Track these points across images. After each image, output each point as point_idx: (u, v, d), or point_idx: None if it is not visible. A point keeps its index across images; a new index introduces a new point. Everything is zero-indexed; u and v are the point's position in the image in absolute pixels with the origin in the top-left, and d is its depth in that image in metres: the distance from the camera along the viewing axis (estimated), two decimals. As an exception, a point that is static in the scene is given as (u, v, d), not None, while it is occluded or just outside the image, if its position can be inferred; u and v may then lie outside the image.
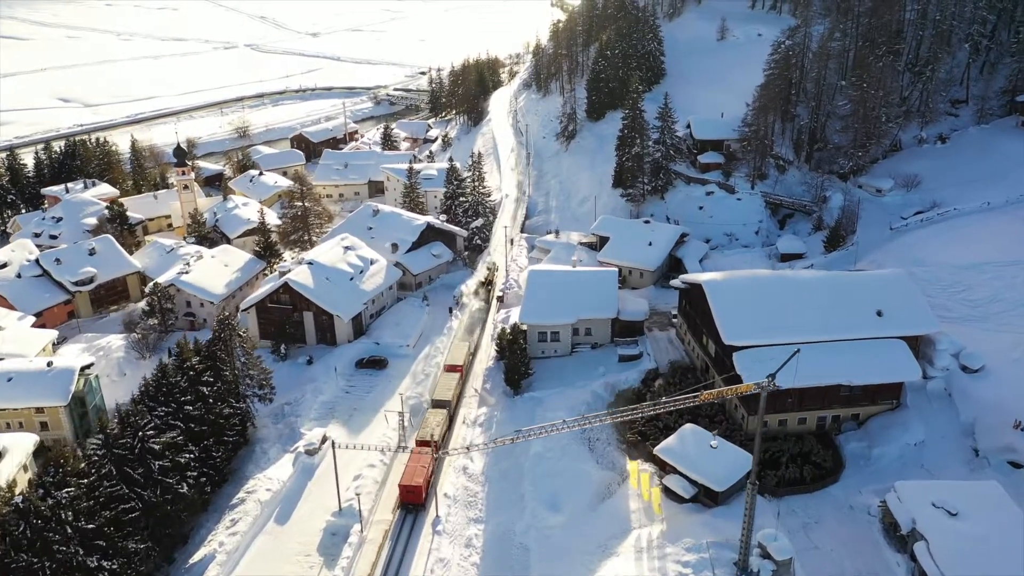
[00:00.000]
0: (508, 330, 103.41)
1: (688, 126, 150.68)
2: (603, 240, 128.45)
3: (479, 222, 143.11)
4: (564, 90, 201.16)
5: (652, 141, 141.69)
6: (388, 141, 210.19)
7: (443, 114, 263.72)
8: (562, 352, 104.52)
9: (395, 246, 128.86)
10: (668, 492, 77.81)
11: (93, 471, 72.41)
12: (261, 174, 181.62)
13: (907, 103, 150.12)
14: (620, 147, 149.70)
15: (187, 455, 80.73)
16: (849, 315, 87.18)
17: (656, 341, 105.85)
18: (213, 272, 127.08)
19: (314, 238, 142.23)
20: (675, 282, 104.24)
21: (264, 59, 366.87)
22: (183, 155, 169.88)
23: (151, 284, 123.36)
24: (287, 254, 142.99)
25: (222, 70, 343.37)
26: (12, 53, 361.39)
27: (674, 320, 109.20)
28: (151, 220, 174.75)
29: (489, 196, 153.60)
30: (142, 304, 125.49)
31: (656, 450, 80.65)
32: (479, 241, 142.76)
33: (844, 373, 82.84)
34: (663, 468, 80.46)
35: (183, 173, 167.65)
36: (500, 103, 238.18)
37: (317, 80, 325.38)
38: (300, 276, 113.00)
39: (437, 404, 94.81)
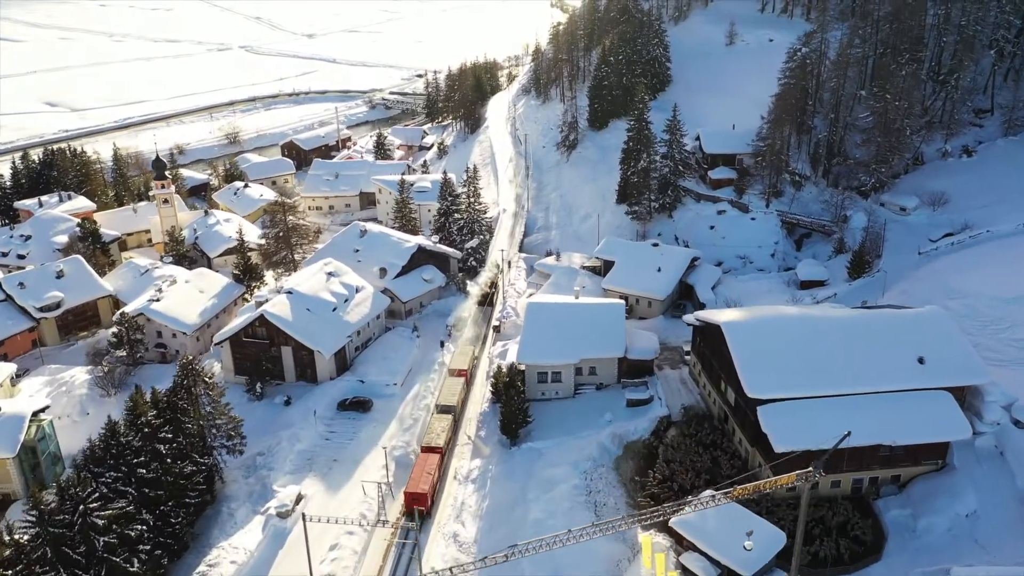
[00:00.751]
0: (505, 370, 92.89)
1: (697, 139, 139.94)
2: (608, 264, 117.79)
3: (474, 242, 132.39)
4: (565, 97, 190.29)
5: (659, 155, 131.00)
6: (381, 149, 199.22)
7: (439, 119, 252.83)
8: (564, 394, 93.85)
9: (383, 271, 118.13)
10: (686, 572, 67.23)
11: (23, 557, 61.77)
12: (246, 186, 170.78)
13: (929, 113, 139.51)
14: (625, 160, 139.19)
15: (139, 526, 70.05)
16: (887, 362, 76.44)
17: (667, 381, 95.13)
18: (187, 299, 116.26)
19: (298, 258, 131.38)
20: (688, 319, 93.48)
21: (258, 61, 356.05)
22: (162, 167, 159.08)
23: (118, 313, 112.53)
24: (269, 275, 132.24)
25: (215, 72, 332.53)
26: (4, 55, 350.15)
27: (687, 357, 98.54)
28: (130, 235, 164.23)
29: (485, 213, 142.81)
30: (110, 334, 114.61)
31: (672, 523, 69.93)
32: (474, 263, 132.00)
33: (885, 432, 72.17)
34: (680, 542, 69.86)
35: (162, 186, 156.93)
36: (498, 109, 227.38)
37: (312, 83, 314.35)
38: (277, 308, 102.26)
39: (442, 410, 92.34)
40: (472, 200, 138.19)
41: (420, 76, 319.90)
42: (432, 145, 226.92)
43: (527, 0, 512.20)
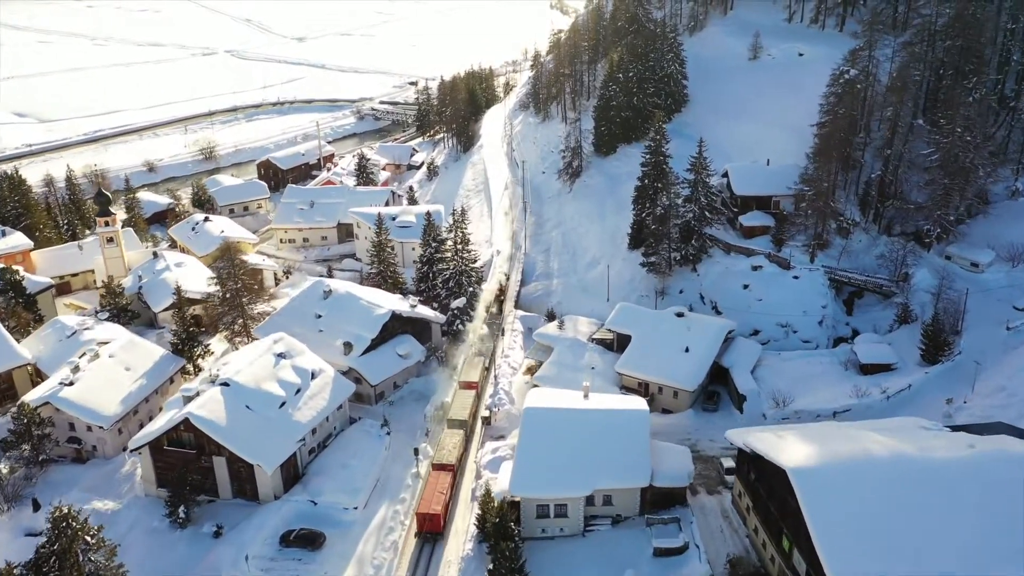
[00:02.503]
0: (494, 499, 69.71)
1: (725, 175, 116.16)
2: (622, 339, 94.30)
3: (460, 302, 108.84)
4: (567, 117, 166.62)
5: (681, 198, 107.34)
6: (363, 173, 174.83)
7: (431, 133, 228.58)
8: (571, 531, 70.58)
9: (348, 346, 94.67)
10: None
11: None
12: (207, 219, 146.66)
13: (992, 143, 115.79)
14: (639, 200, 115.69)
15: None
16: (1018, 536, 53.27)
17: (705, 515, 71.97)
18: (109, 379, 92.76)
19: (255, 312, 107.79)
20: (733, 438, 70.10)
21: (244, 67, 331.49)
22: (106, 202, 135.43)
23: (15, 406, 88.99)
24: (217, 340, 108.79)
25: (198, 79, 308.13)
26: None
27: (728, 478, 75.25)
28: (75, 275, 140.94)
29: (475, 262, 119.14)
30: (10, 426, 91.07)
31: None
32: (460, 325, 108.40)
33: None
34: None
35: (106, 223, 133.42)
36: (493, 126, 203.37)
37: (298, 91, 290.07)
38: (208, 407, 78.78)
39: (453, 424, 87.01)
40: (460, 247, 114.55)
41: (413, 83, 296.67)
42: (421, 164, 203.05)
43: (527, 1, 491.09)
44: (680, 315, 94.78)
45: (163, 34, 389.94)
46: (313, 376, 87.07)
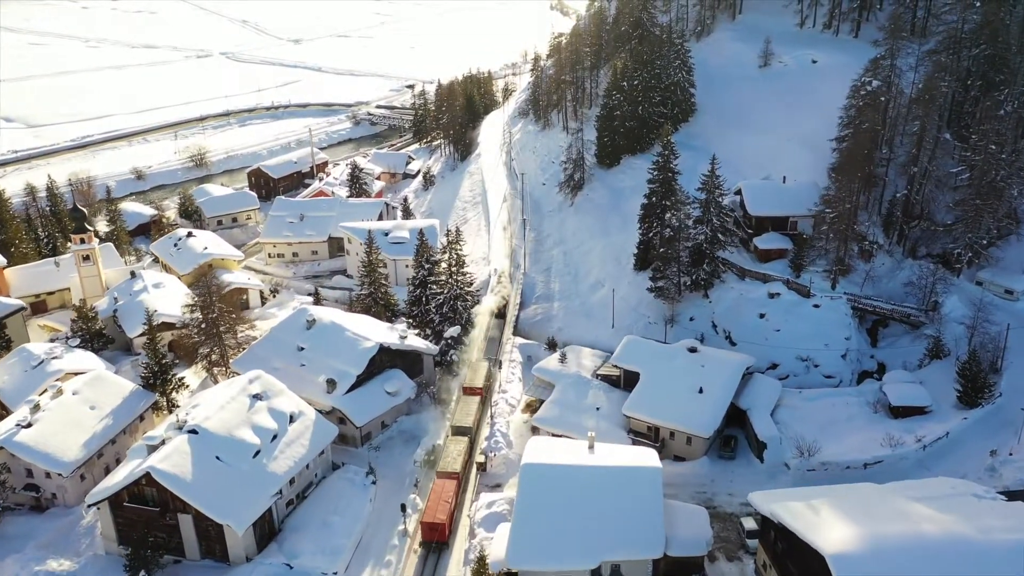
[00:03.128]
0: (490, 571, 61.52)
1: (738, 193, 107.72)
2: (629, 376, 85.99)
3: (454, 331, 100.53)
4: (568, 126, 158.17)
5: (692, 219, 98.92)
6: (356, 183, 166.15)
7: (428, 139, 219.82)
8: (575, 604, 62.29)
9: (332, 383, 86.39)
10: None
11: None
12: (190, 235, 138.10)
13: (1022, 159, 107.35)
14: (645, 218, 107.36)
15: None
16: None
17: (725, 586, 63.72)
18: (71, 419, 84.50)
19: (229, 352, 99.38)
20: (759, 503, 61.85)
21: (239, 70, 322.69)
22: (81, 218, 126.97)
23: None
24: (192, 373, 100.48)
25: (191, 82, 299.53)
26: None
27: (749, 542, 66.96)
28: (50, 294, 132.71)
29: (470, 285, 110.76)
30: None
31: None
32: (454, 356, 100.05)
33: None
34: None
35: (82, 240, 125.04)
36: (492, 133, 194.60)
37: (292, 95, 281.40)
38: (173, 459, 70.49)
39: (458, 431, 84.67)
40: (454, 269, 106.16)
41: (410, 87, 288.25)
42: (417, 173, 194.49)
43: (527, 1, 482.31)
44: (693, 350, 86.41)
45: (158, 36, 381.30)
46: (292, 420, 78.74)
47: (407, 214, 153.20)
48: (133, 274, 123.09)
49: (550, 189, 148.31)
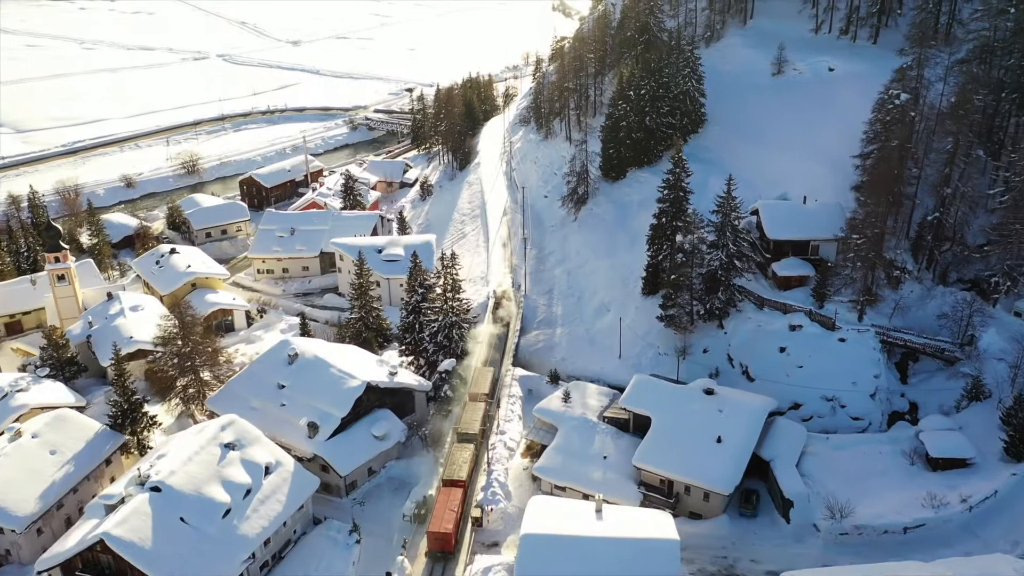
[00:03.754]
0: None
1: (755, 214, 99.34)
2: (640, 420, 77.73)
3: (448, 364, 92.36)
4: (571, 136, 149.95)
5: (706, 244, 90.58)
6: (350, 194, 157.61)
7: (426, 145, 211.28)
8: None
9: (313, 427, 78.24)
10: None
11: None
12: (173, 251, 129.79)
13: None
14: (654, 239, 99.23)
15: None
16: None
17: None
18: (28, 467, 76.40)
19: (207, 386, 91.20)
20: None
21: (236, 72, 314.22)
22: (55, 236, 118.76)
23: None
24: (165, 411, 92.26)
25: (186, 85, 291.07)
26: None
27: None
28: (26, 314, 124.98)
29: (467, 311, 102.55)
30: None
31: None
32: (448, 391, 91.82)
33: None
34: None
35: (56, 259, 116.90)
36: (492, 141, 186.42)
37: (289, 99, 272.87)
38: (131, 523, 62.35)
39: (463, 438, 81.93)
40: (450, 295, 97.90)
41: (409, 90, 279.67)
42: (415, 182, 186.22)
43: (528, 1, 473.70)
44: (710, 392, 78.06)
45: (155, 37, 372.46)
46: (268, 471, 70.61)
47: (403, 227, 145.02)
48: (110, 295, 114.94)
49: (552, 202, 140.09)
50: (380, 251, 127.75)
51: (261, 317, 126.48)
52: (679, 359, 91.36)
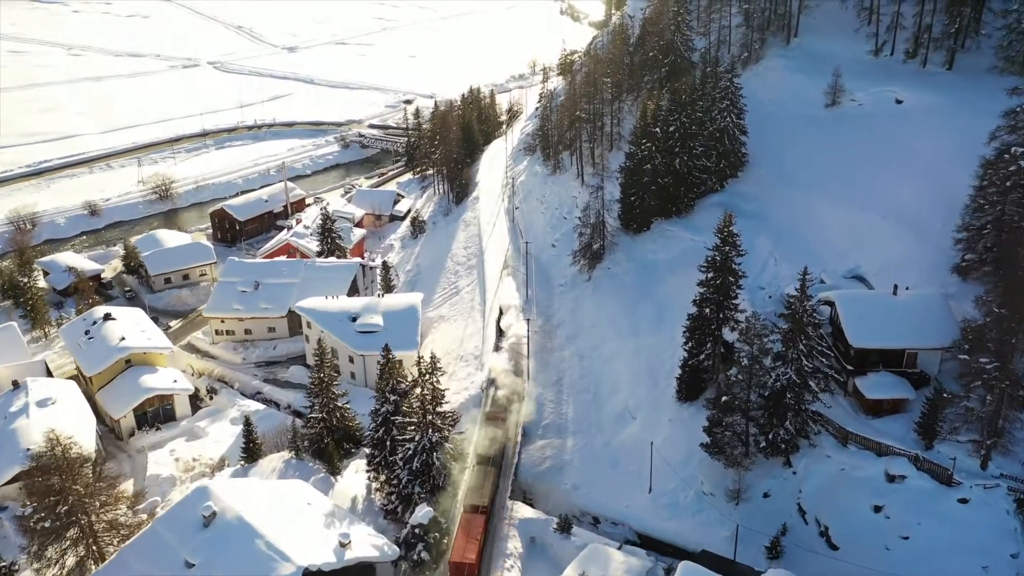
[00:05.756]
0: None
1: (827, 305, 74.23)
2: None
3: (424, 514, 67.75)
4: (583, 173, 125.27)
5: (772, 355, 65.71)
6: (328, 237, 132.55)
7: (420, 170, 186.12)
8: None
9: (224, 644, 53.61)
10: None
11: None
12: (107, 317, 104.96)
13: None
14: (693, 332, 74.81)
15: None
16: None
17: None
18: None
19: (99, 542, 66.70)
20: None
21: (225, 81, 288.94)
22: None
23: None
24: None
25: (171, 96, 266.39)
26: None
27: None
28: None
29: (455, 425, 78.01)
30: None
31: None
32: (423, 553, 67.04)
33: None
34: None
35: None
36: (492, 168, 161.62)
37: (278, 112, 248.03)
38: None
39: (482, 460, 75.22)
40: (429, 406, 73.27)
41: (408, 102, 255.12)
42: (406, 215, 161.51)
43: (535, 3, 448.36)
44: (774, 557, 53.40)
45: (146, 43, 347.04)
46: None
47: (387, 283, 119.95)
48: (16, 384, 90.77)
49: (561, 254, 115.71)
50: (355, 319, 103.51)
51: (211, 399, 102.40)
52: (730, 503, 66.93)
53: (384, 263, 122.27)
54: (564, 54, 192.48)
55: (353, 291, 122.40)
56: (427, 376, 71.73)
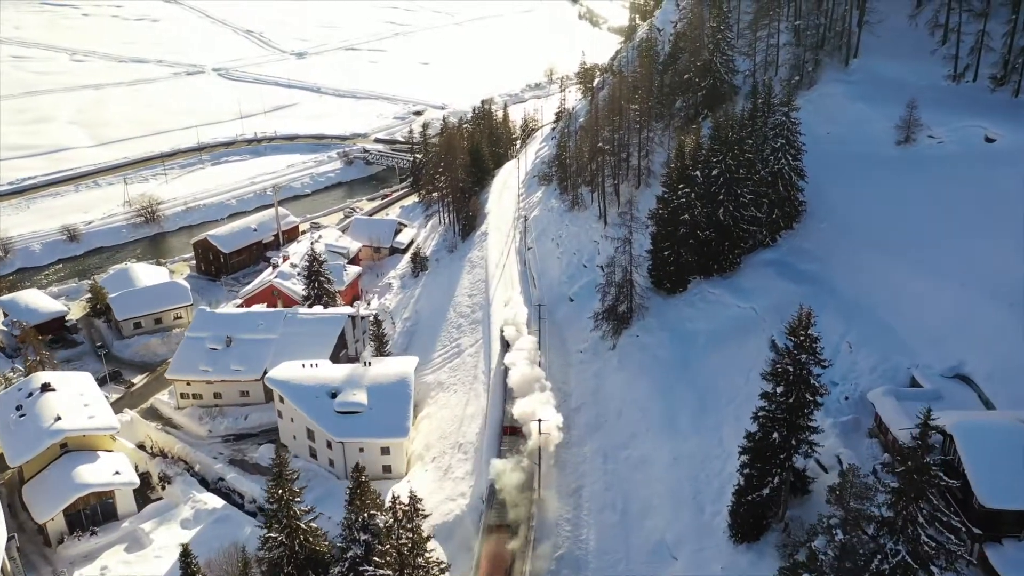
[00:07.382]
0: None
1: (947, 440, 54.68)
2: None
3: None
4: (605, 213, 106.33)
5: (873, 525, 46.54)
6: (315, 280, 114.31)
7: (426, 192, 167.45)
8: None
9: None
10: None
11: None
12: (45, 388, 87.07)
13: None
14: (754, 459, 56.05)
15: None
16: None
17: None
18: None
19: None
20: None
21: (229, 89, 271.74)
22: None
23: None
24: None
25: (170, 106, 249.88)
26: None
27: None
28: None
29: (441, 572, 59.22)
30: None
31: None
32: None
33: None
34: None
35: None
36: (503, 197, 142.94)
37: (280, 125, 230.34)
38: None
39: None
40: (407, 556, 54.63)
41: (418, 113, 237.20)
42: (407, 247, 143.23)
43: (552, 5, 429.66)
44: None
45: (153, 48, 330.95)
46: None
47: (379, 340, 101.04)
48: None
49: (580, 313, 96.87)
50: (335, 395, 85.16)
51: (163, 488, 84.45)
52: None
53: (376, 317, 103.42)
54: (583, 67, 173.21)
55: (341, 345, 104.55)
56: (403, 521, 53.07)
